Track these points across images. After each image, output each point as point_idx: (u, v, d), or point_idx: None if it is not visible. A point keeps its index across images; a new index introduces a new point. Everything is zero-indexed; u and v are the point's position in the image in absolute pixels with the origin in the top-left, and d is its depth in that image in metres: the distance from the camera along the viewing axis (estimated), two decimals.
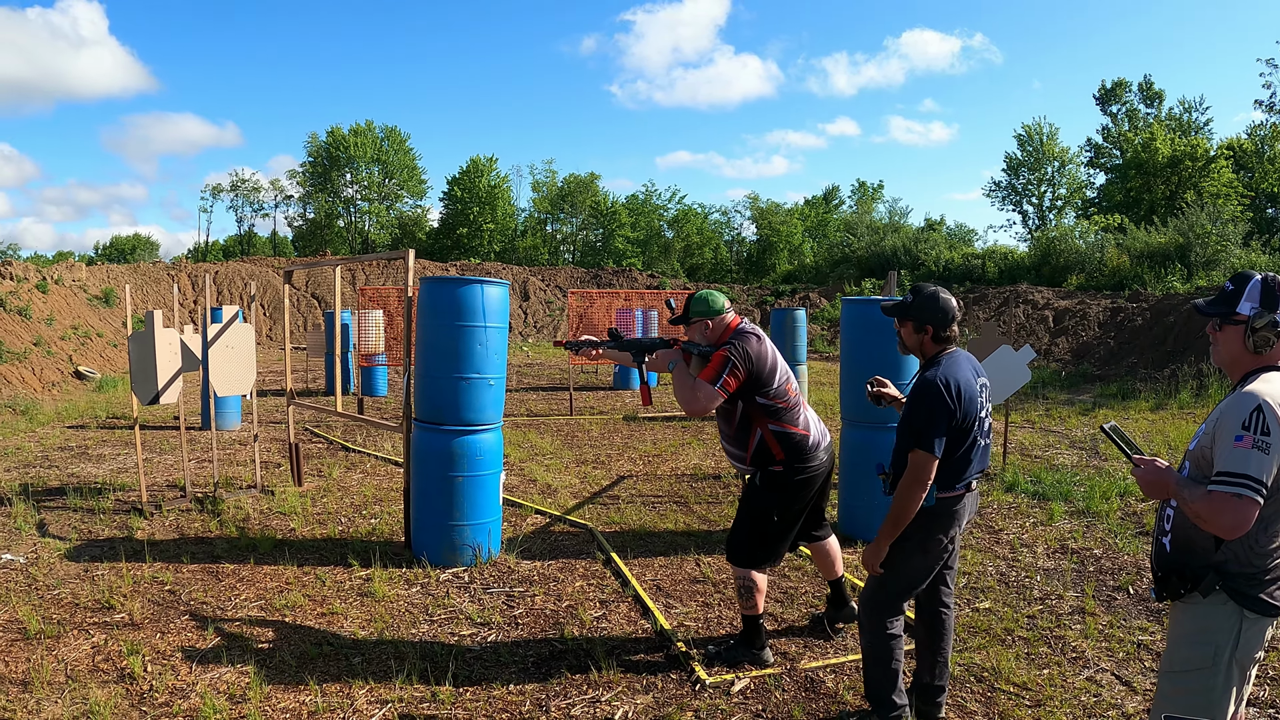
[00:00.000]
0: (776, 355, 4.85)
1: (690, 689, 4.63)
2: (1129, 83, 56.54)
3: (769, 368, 4.75)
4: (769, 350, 4.81)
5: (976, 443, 3.98)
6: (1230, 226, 31.95)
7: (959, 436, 3.91)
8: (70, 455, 11.14)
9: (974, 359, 4.15)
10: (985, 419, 4.03)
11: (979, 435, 3.98)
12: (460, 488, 6.42)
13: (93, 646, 5.11)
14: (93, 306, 26.96)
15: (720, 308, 4.94)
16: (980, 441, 4.01)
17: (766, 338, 4.88)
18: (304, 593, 5.99)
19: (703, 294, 4.98)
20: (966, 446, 3.95)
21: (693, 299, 4.99)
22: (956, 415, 3.85)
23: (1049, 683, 4.68)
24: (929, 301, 4.06)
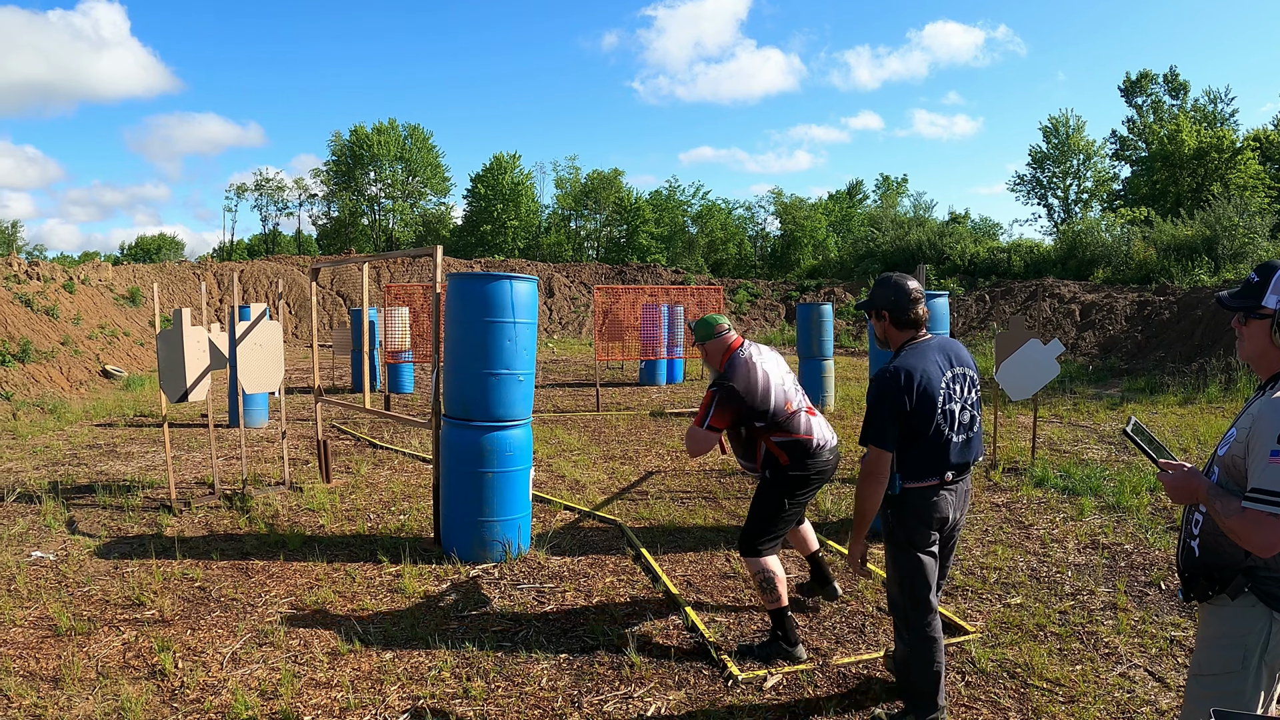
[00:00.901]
0: (769, 375, 4.93)
1: (723, 685, 4.61)
2: (1154, 74, 55.99)
3: (760, 395, 4.85)
4: (759, 376, 4.89)
5: (944, 434, 3.90)
6: (1258, 219, 31.56)
7: (918, 427, 3.85)
8: (99, 453, 11.19)
9: (954, 347, 4.09)
10: (960, 409, 3.96)
11: (946, 427, 3.90)
12: (490, 484, 6.39)
13: (123, 643, 5.10)
14: (119, 306, 27.16)
15: (711, 334, 5.13)
16: (950, 434, 3.92)
17: (762, 359, 5.02)
18: (334, 589, 5.97)
19: (702, 320, 5.19)
20: (931, 437, 3.87)
21: (694, 326, 5.23)
22: (909, 405, 3.80)
23: (1082, 679, 4.64)
24: (881, 285, 4.07)
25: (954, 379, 3.96)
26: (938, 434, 3.88)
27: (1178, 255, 31.00)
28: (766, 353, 5.13)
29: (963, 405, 3.98)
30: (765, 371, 4.93)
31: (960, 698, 4.47)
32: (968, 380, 4.03)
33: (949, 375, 3.94)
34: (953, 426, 3.93)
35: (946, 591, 5.96)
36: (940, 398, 3.87)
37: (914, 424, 3.84)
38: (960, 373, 4.01)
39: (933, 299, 7.41)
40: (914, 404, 3.80)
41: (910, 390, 3.80)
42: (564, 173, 71.43)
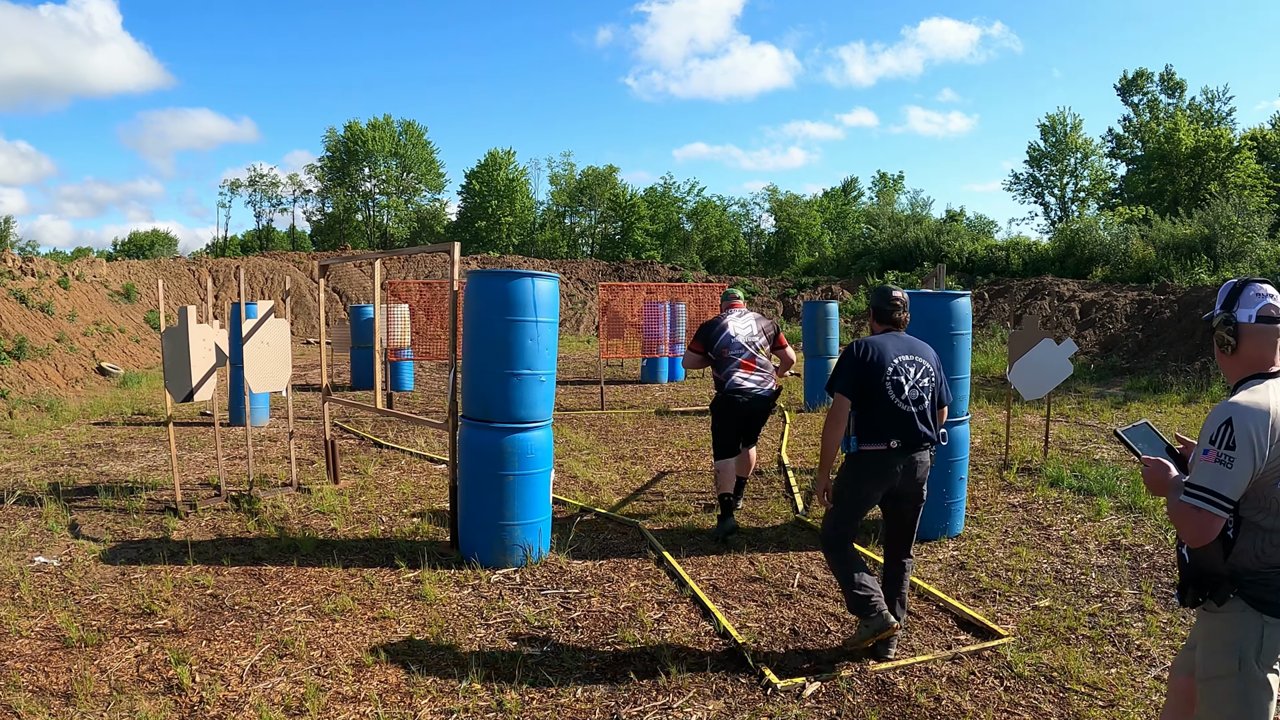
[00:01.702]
0: (724, 332, 7.32)
1: (762, 693, 4.51)
2: (1150, 73, 55.94)
3: (710, 338, 7.36)
4: (718, 329, 7.36)
5: (890, 400, 4.75)
6: (1256, 218, 31.48)
7: (867, 386, 4.77)
8: (98, 453, 10.98)
9: (917, 344, 5.00)
10: (909, 387, 4.81)
11: (894, 394, 4.76)
12: (511, 486, 6.22)
13: (136, 655, 4.90)
14: (114, 302, 26.89)
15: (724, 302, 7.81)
16: (896, 402, 4.77)
17: (732, 321, 7.41)
18: (352, 596, 5.79)
19: (726, 291, 7.91)
20: (878, 406, 4.75)
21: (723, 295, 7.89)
22: (860, 369, 4.77)
23: (1119, 682, 4.62)
24: (873, 295, 5.16)
25: (907, 362, 4.85)
26: (885, 400, 4.74)
27: (1177, 254, 30.91)
28: (742, 320, 7.46)
29: (912, 385, 4.83)
30: (724, 329, 7.35)
31: (1001, 703, 4.41)
32: (922, 369, 4.88)
33: (903, 358, 4.85)
34: (899, 396, 4.77)
35: (974, 594, 5.95)
36: (889, 369, 4.77)
37: (864, 384, 4.76)
38: (916, 360, 4.89)
39: (956, 299, 7.30)
40: (866, 365, 4.77)
41: (865, 354, 4.81)
42: (559, 169, 71.29)
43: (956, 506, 7.43)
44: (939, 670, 4.77)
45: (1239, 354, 2.94)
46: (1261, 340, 2.89)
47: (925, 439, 4.84)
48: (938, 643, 5.15)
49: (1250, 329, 2.89)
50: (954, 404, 7.26)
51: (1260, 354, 2.90)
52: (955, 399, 7.31)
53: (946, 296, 7.34)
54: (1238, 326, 2.92)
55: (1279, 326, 2.88)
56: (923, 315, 7.38)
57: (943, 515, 7.34)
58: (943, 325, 7.30)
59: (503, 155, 66.17)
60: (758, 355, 7.34)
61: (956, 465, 7.37)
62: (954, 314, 7.33)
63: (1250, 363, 2.93)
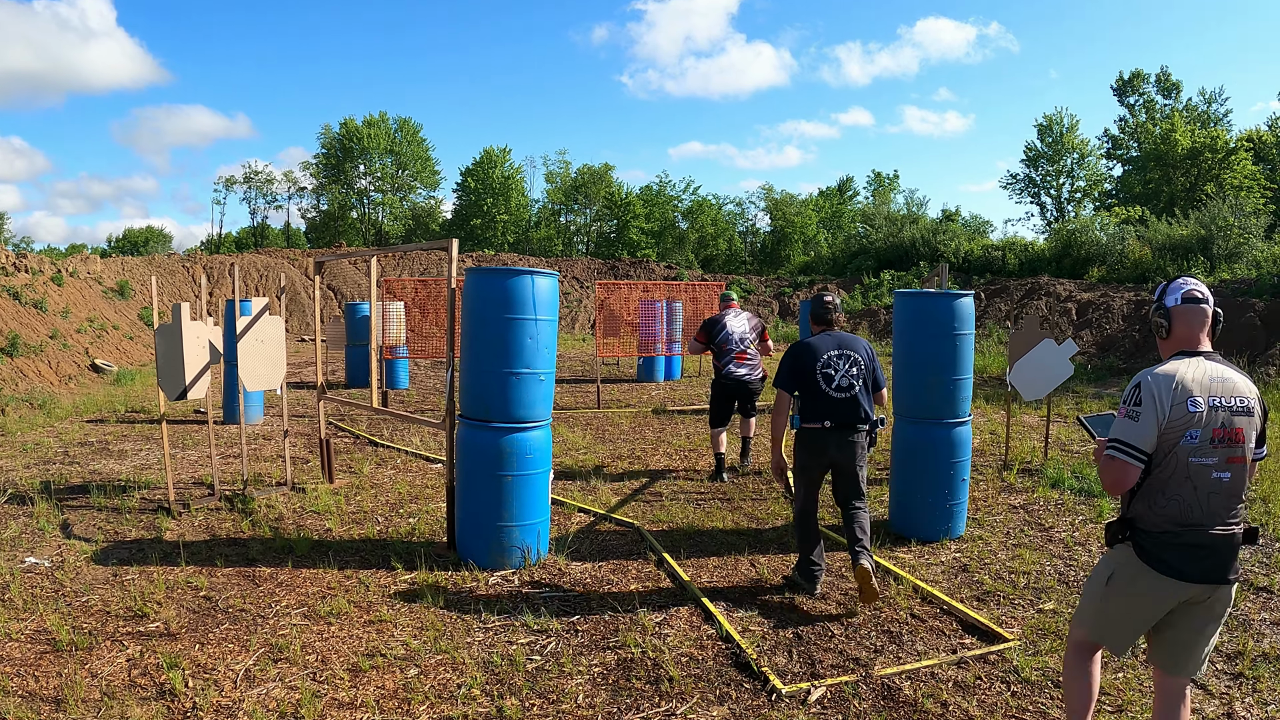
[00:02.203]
0: (725, 328, 9.13)
1: (766, 698, 4.45)
2: (1146, 74, 55.92)
3: (713, 331, 9.18)
4: (719, 325, 9.17)
5: (822, 388, 5.74)
6: (1253, 219, 31.47)
7: (802, 378, 5.78)
8: (91, 451, 10.87)
9: (848, 340, 5.92)
10: (839, 376, 5.76)
11: (824, 384, 5.73)
12: (509, 487, 6.12)
13: (128, 659, 4.80)
14: (108, 299, 26.74)
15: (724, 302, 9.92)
16: (828, 390, 5.74)
17: (729, 319, 9.20)
18: (348, 598, 5.69)
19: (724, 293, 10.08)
20: (809, 392, 5.76)
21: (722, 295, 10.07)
22: (794, 368, 5.81)
23: (1126, 687, 4.59)
24: (811, 302, 6.19)
25: (837, 356, 5.80)
26: (816, 388, 5.73)
27: (1173, 255, 30.89)
28: (738, 319, 9.30)
29: (842, 374, 5.77)
30: (723, 326, 9.19)
31: (1009, 709, 4.37)
32: (851, 360, 5.81)
33: (833, 353, 5.80)
34: (830, 385, 5.75)
35: (978, 597, 5.92)
36: (819, 363, 5.75)
37: (799, 378, 5.80)
38: (845, 353, 5.83)
39: (960, 299, 7.26)
40: (798, 364, 5.81)
41: (797, 355, 5.87)
42: (554, 167, 71.07)
43: (958, 508, 7.35)
44: (945, 675, 4.72)
45: (1171, 336, 3.39)
46: (1189, 318, 3.35)
47: (856, 419, 5.77)
48: (943, 646, 5.10)
49: (1177, 310, 3.37)
50: (957, 405, 7.25)
51: (1188, 333, 3.34)
52: (959, 400, 7.28)
53: (950, 296, 7.26)
54: (1168, 311, 3.39)
55: (1202, 306, 3.35)
56: (927, 315, 7.33)
57: (945, 517, 7.27)
58: (946, 325, 7.24)
59: (498, 153, 66.05)
60: (748, 349, 9.23)
61: (959, 466, 7.29)
62: (957, 314, 7.26)
63: (1179, 342, 3.36)
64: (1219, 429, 3.20)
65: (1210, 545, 3.24)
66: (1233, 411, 3.23)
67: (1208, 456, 3.21)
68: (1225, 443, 3.22)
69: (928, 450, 7.26)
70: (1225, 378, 3.26)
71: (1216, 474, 3.22)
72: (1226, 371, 3.29)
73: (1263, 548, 7.00)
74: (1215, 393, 3.22)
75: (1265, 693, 4.59)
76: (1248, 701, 4.48)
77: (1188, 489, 3.22)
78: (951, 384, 7.26)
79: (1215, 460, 3.21)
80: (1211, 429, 3.20)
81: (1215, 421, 3.20)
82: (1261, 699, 4.52)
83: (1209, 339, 3.36)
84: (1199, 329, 3.34)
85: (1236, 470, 3.24)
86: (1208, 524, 3.24)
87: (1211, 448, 3.20)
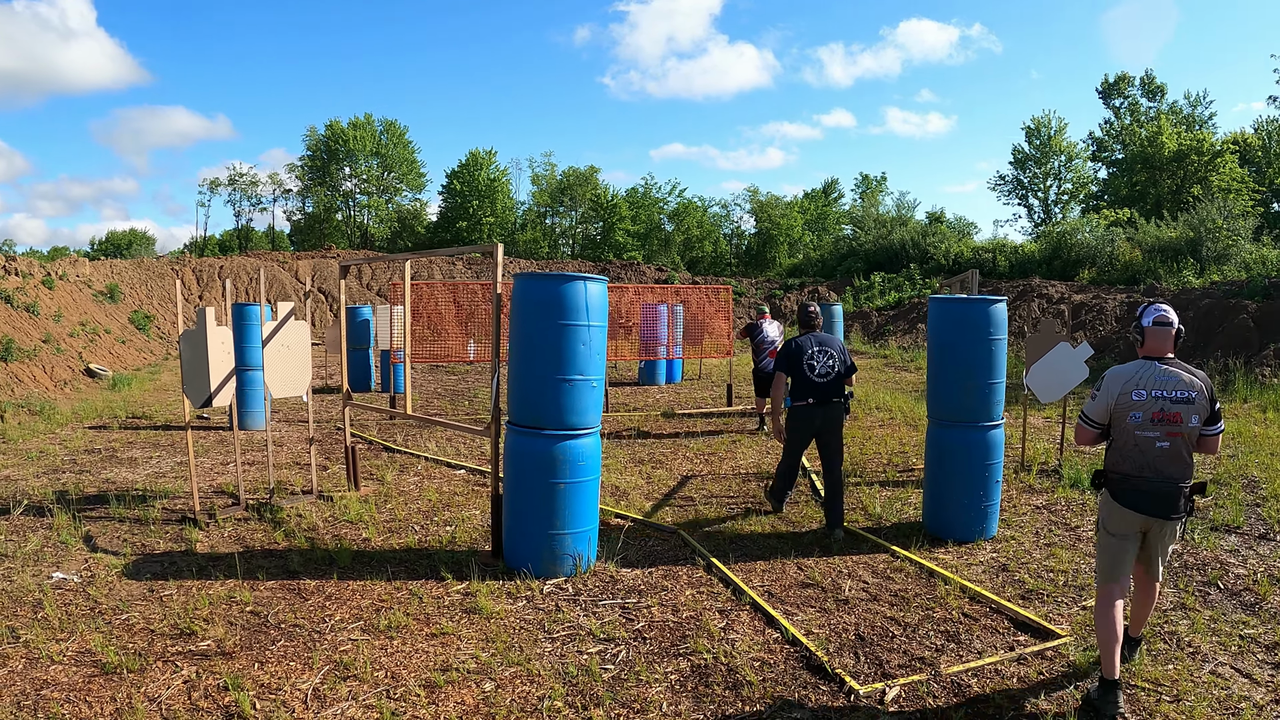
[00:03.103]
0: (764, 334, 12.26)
1: (846, 700, 4.49)
2: (1131, 77, 56.22)
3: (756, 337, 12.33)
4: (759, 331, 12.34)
5: (806, 376, 7.54)
6: (1241, 221, 31.66)
7: (794, 368, 7.59)
8: (99, 459, 10.66)
9: (825, 337, 7.73)
10: (820, 366, 7.56)
11: (809, 372, 7.54)
12: (562, 495, 6.01)
13: (185, 681, 4.62)
14: (98, 302, 26.39)
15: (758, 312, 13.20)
16: (812, 377, 7.54)
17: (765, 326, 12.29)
18: (404, 611, 5.54)
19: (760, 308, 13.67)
20: (798, 378, 7.57)
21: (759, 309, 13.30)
22: (789, 359, 7.64)
23: (1180, 678, 4.76)
24: (798, 310, 8.18)
25: (819, 351, 7.60)
26: (804, 375, 7.55)
27: (1163, 256, 31.04)
28: (771, 326, 12.50)
29: (823, 365, 7.57)
30: (762, 330, 12.40)
31: (1076, 702, 4.49)
32: (829, 354, 7.61)
33: (815, 349, 7.59)
34: (814, 373, 7.55)
35: (1022, 595, 6.05)
36: (806, 356, 7.57)
37: (792, 366, 7.61)
38: (824, 349, 7.63)
39: (994, 305, 7.35)
40: (792, 357, 7.62)
41: (791, 350, 7.66)
42: (540, 169, 70.81)
43: (992, 509, 7.40)
44: (1008, 671, 4.82)
45: (1144, 347, 4.61)
46: (1157, 337, 4.55)
47: (832, 397, 7.60)
48: (999, 644, 5.20)
49: (1150, 329, 4.58)
50: (991, 408, 7.35)
51: (1156, 345, 4.55)
52: (992, 403, 7.37)
53: (985, 302, 7.30)
54: (1143, 329, 4.61)
55: (1168, 329, 4.53)
56: (962, 320, 7.31)
57: (979, 518, 7.33)
58: (982, 330, 7.27)
59: (484, 155, 65.73)
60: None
61: (993, 468, 7.34)
62: (992, 319, 7.29)
63: (1149, 351, 4.58)
64: (1158, 412, 4.41)
65: (1153, 491, 4.48)
66: (1172, 401, 4.41)
67: (1150, 431, 4.44)
68: (1164, 422, 4.42)
69: (962, 453, 7.31)
70: (1171, 376, 4.44)
71: (1159, 444, 4.44)
72: (1175, 372, 4.45)
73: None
74: (1158, 387, 4.42)
75: None
76: None
77: (1136, 452, 4.49)
78: (986, 387, 7.28)
79: (1157, 434, 4.44)
80: (1151, 412, 4.43)
81: (1155, 407, 4.42)
82: None
83: (1171, 349, 4.54)
84: (1164, 344, 4.53)
85: (1176, 441, 4.43)
86: (1152, 476, 4.47)
87: (1152, 425, 4.43)
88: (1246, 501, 8.48)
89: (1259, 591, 6.07)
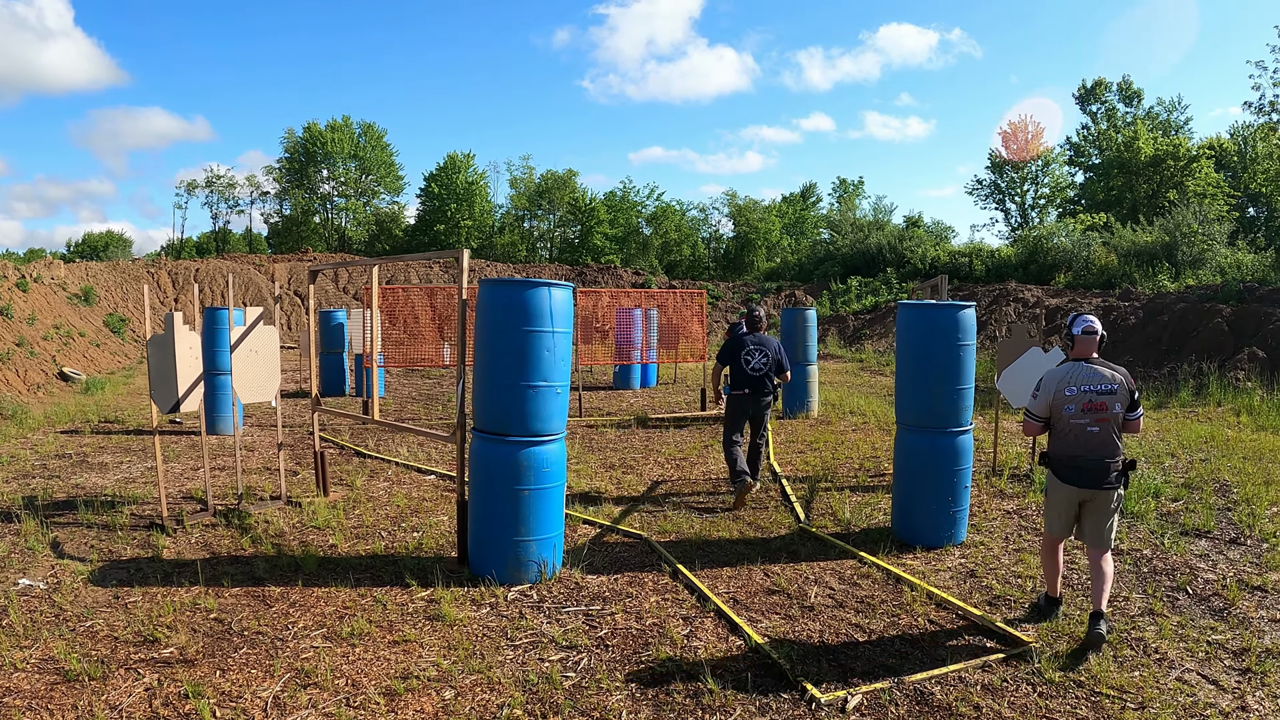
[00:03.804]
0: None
1: (806, 708, 4.49)
2: (1108, 82, 56.63)
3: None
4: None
5: (744, 371, 8.80)
6: (1216, 225, 32.00)
7: (733, 360, 8.87)
8: (70, 464, 10.59)
9: (763, 338, 8.97)
10: (755, 361, 8.82)
11: (746, 366, 8.79)
12: (527, 501, 6.02)
13: (146, 689, 4.60)
14: (73, 305, 26.19)
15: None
16: (748, 372, 8.80)
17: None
18: (367, 618, 5.54)
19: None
20: (736, 370, 8.83)
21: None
22: (729, 354, 8.90)
23: (1146, 684, 4.79)
24: (745, 314, 9.30)
25: (755, 349, 8.84)
26: (741, 369, 8.80)
27: (1139, 261, 31.34)
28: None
29: (757, 360, 8.83)
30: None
31: (1041, 709, 4.50)
32: (763, 353, 8.85)
33: (752, 347, 8.85)
34: (749, 367, 8.80)
35: (989, 602, 6.07)
36: (744, 351, 8.83)
37: (731, 360, 8.89)
38: (760, 348, 8.86)
39: (963, 310, 7.41)
40: (731, 352, 8.90)
41: (730, 347, 8.94)
42: (518, 172, 70.64)
43: (960, 515, 7.44)
44: (972, 679, 4.84)
45: (1074, 351, 5.55)
46: (1084, 343, 5.50)
47: (764, 390, 8.93)
48: (964, 651, 5.21)
49: (1079, 337, 5.53)
50: (960, 414, 7.37)
51: (1083, 349, 5.50)
52: (960, 409, 7.39)
53: (953, 308, 7.35)
54: (1074, 337, 5.56)
55: (1093, 336, 5.48)
56: (931, 326, 7.36)
57: (948, 524, 7.36)
58: (951, 335, 7.31)
59: (462, 158, 65.62)
60: None
61: (961, 474, 7.38)
62: (960, 325, 7.35)
63: (1077, 354, 5.53)
64: (1088, 403, 5.35)
65: (1085, 467, 5.39)
66: (1098, 393, 5.34)
67: (1081, 419, 5.37)
68: (1093, 411, 5.35)
69: (931, 458, 7.35)
70: (1096, 374, 5.40)
71: (1090, 429, 5.37)
72: (1099, 370, 5.41)
73: (1251, 549, 7.21)
74: (1087, 383, 5.37)
75: (1274, 686, 4.79)
76: (1259, 695, 4.68)
77: (1071, 436, 5.42)
78: (955, 393, 7.33)
79: (1087, 421, 5.36)
80: (1082, 404, 5.36)
81: (1085, 399, 5.35)
82: (1271, 692, 4.72)
83: (1095, 351, 5.50)
84: (1089, 348, 5.50)
85: (1104, 426, 5.35)
86: (1084, 455, 5.39)
87: (1083, 413, 5.36)
88: (1218, 506, 8.55)
89: (1228, 597, 6.12)
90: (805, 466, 10.58)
